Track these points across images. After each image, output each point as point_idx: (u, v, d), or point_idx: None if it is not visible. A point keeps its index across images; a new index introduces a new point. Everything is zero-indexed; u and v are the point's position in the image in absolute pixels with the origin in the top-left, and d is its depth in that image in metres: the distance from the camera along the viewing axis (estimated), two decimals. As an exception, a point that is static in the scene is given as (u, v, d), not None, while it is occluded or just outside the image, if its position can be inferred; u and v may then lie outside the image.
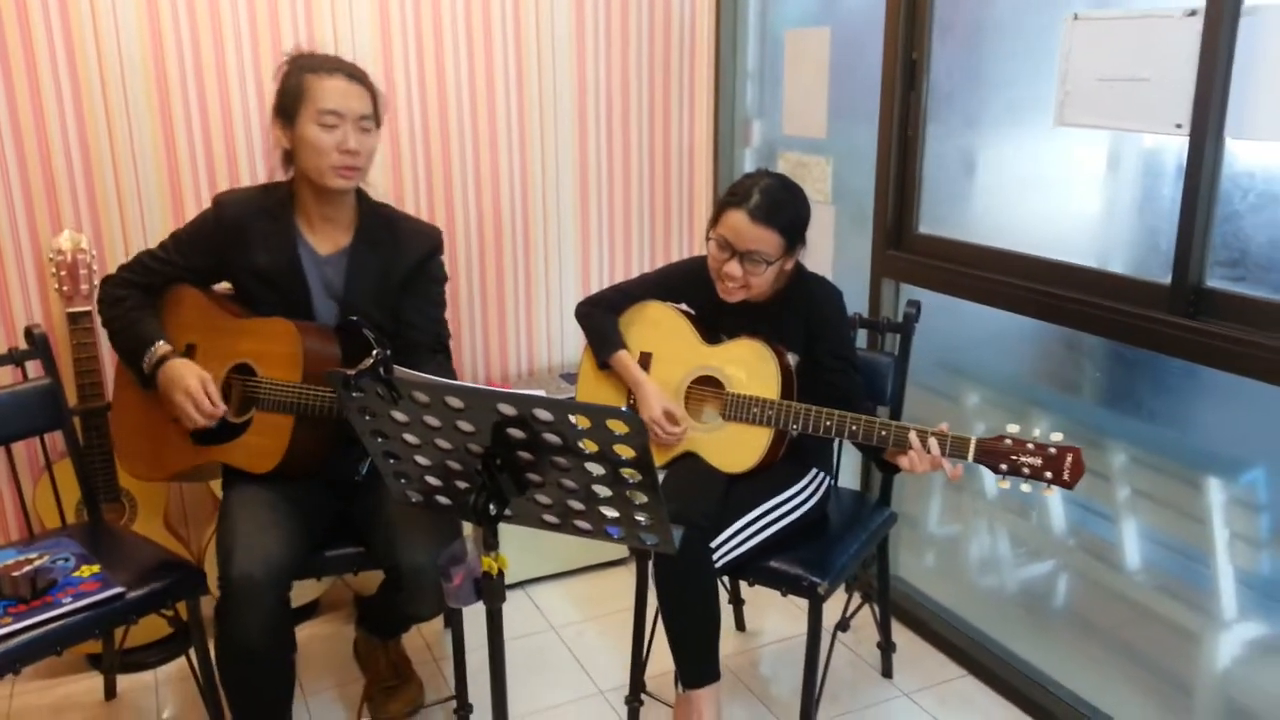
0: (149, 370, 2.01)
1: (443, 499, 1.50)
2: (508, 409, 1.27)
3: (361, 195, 2.13)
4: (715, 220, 2.08)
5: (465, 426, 1.33)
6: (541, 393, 1.22)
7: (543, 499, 1.41)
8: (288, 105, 1.98)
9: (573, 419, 1.24)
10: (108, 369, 2.45)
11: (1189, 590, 2.04)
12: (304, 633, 2.72)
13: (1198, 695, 2.05)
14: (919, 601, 2.71)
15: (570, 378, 3.07)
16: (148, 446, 2.13)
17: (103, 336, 2.51)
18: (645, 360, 2.21)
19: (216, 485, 2.50)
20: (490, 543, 1.36)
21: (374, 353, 1.32)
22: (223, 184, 2.65)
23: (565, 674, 2.53)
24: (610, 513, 1.38)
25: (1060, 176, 2.19)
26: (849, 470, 2.66)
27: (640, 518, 1.36)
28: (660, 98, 3.15)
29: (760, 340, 2.09)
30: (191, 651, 2.12)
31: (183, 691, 2.45)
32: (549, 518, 1.44)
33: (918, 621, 2.67)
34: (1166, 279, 1.92)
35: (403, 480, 1.51)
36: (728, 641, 2.60)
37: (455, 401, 1.29)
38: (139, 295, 2.09)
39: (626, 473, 1.30)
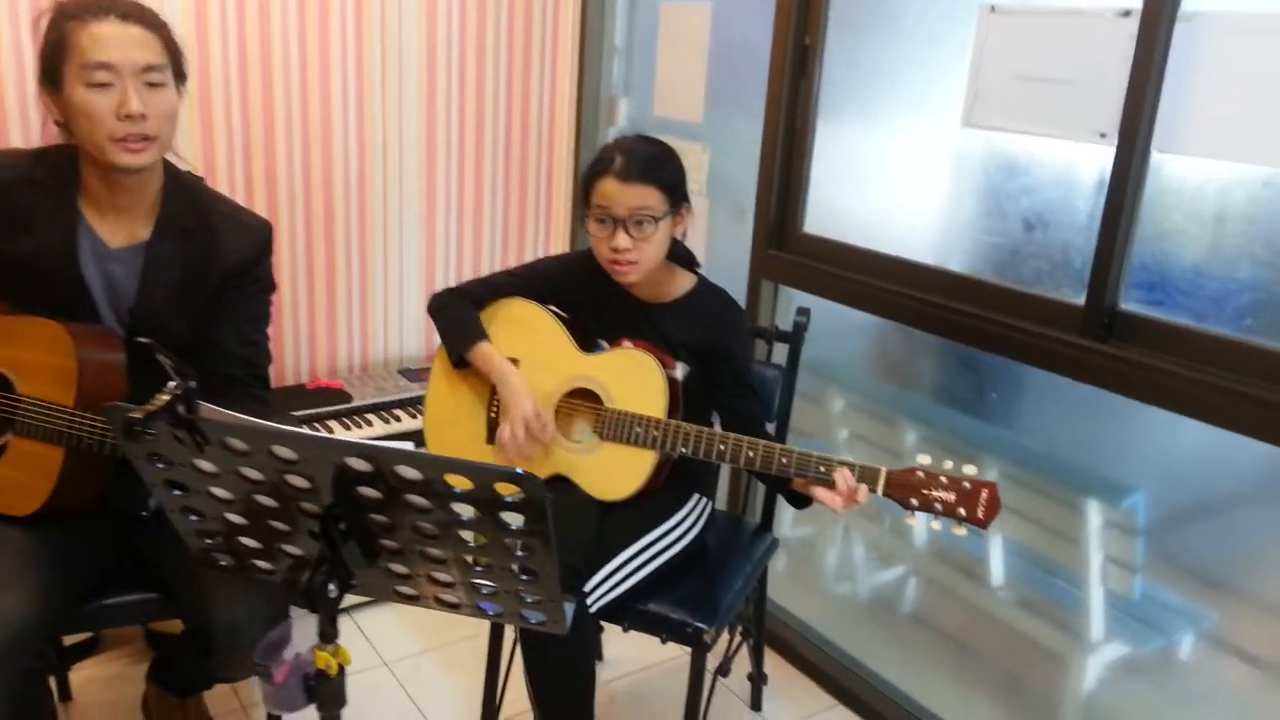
0: None
1: (263, 563, 1.16)
2: (360, 464, 0.95)
3: (170, 172, 1.70)
4: (585, 198, 1.83)
5: (298, 483, 1.01)
6: (408, 445, 0.92)
7: (398, 568, 1.10)
8: (51, 65, 1.55)
9: (449, 480, 0.94)
10: None
11: (1059, 611, 2.01)
12: (80, 675, 2.28)
13: (1063, 717, 2.03)
14: (784, 622, 2.57)
15: (410, 374, 2.76)
16: None
17: None
18: (509, 368, 1.92)
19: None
20: (328, 634, 1.04)
21: (171, 385, 0.97)
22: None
23: (401, 719, 2.22)
24: (487, 586, 1.09)
25: (965, 182, 2.06)
26: (719, 489, 2.47)
27: (525, 593, 1.08)
28: (519, 68, 2.87)
29: (643, 349, 1.83)
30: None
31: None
32: (405, 589, 1.13)
33: (785, 645, 2.52)
34: (1079, 299, 1.81)
35: (207, 540, 1.17)
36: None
37: (286, 452, 0.97)
38: None
39: (513, 543, 1.01)
